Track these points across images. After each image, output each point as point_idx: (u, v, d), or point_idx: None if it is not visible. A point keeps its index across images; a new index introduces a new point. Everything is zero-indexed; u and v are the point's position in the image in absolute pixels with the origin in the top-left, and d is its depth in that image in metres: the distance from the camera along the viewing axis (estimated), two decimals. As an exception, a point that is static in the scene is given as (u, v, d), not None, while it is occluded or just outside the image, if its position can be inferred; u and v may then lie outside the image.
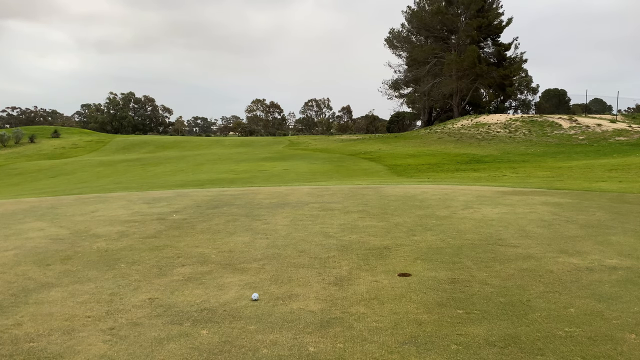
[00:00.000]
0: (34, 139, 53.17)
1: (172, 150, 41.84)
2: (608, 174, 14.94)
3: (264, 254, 4.48)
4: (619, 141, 30.91)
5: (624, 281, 3.48)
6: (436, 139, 37.93)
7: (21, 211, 7.72)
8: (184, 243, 4.99)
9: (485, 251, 4.39)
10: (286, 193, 9.24)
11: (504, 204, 7.10)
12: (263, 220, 6.18)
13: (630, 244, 4.59)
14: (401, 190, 9.30)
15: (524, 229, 5.27)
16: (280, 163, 26.63)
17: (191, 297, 3.34)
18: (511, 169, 20.34)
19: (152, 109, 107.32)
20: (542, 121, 39.90)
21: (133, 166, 28.01)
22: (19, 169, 31.51)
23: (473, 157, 27.61)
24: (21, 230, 5.93)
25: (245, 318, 2.93)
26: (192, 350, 2.51)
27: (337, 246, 4.70)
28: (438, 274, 3.74)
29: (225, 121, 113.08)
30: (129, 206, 7.83)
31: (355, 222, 5.92)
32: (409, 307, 3.06)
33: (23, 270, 4.13)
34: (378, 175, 19.73)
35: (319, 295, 3.31)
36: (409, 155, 29.06)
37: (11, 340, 2.67)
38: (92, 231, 5.72)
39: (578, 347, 2.46)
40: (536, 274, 3.69)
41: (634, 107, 56.57)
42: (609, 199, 7.57)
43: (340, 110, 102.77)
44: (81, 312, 3.10)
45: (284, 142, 45.55)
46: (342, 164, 25.97)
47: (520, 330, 2.67)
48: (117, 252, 4.67)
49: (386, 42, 61.77)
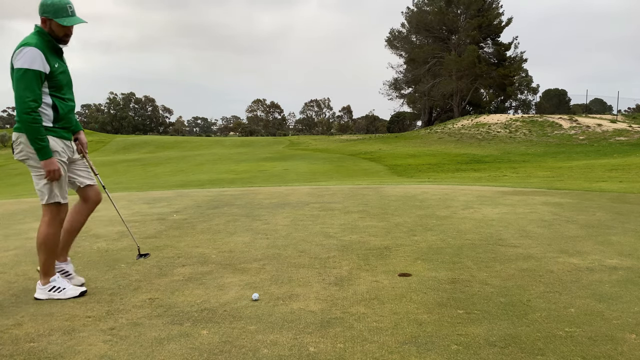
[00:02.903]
0: (34, 139, 53.12)
1: (172, 150, 41.86)
2: (608, 174, 14.94)
3: (264, 254, 4.49)
4: (619, 141, 30.91)
5: (625, 281, 3.48)
6: (436, 139, 37.94)
7: (21, 211, 7.73)
8: (184, 243, 4.99)
9: (486, 251, 4.39)
10: (286, 193, 9.24)
11: (505, 204, 7.10)
12: (263, 220, 6.18)
13: (630, 244, 4.59)
14: (401, 190, 9.30)
15: (524, 229, 5.27)
16: (280, 163, 26.64)
17: (191, 297, 3.34)
18: (511, 169, 20.35)
19: (152, 109, 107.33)
20: (543, 121, 39.91)
21: (133, 166, 28.01)
22: (19, 169, 31.50)
23: (473, 157, 27.62)
24: (21, 231, 5.94)
25: (246, 318, 2.93)
26: (192, 350, 2.52)
27: (338, 246, 4.70)
28: (438, 274, 3.75)
29: (226, 121, 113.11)
30: (129, 206, 7.83)
31: (355, 222, 5.92)
32: (409, 307, 3.06)
33: (23, 270, 4.13)
34: (378, 176, 19.73)
35: (319, 296, 3.31)
36: (409, 156, 29.06)
37: (12, 341, 2.67)
38: (92, 231, 5.72)
39: (578, 347, 2.46)
40: (536, 274, 3.69)
41: (634, 107, 56.52)
42: (609, 199, 7.57)
43: (340, 111, 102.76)
44: (81, 312, 3.10)
45: (284, 142, 45.57)
46: (343, 164, 25.97)
47: (521, 330, 2.67)
48: (117, 252, 4.67)
49: (386, 42, 61.77)
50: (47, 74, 3.16)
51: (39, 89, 3.12)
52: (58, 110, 3.26)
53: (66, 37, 3.26)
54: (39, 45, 3.13)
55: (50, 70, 3.17)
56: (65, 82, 3.33)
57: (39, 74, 3.10)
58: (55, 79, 3.22)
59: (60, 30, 3.20)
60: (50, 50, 3.21)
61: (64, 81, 3.31)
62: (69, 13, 3.18)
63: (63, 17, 3.16)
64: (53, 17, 3.15)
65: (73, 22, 3.20)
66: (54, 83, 3.22)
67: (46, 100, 3.21)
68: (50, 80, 3.19)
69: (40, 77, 3.12)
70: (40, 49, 3.12)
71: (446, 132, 40.10)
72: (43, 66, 3.12)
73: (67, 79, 3.36)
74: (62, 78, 3.28)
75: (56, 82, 3.23)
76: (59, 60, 3.27)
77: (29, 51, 3.08)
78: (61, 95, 3.29)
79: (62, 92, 3.29)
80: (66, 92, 3.34)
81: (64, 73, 3.32)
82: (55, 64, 3.21)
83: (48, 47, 3.19)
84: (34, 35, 3.20)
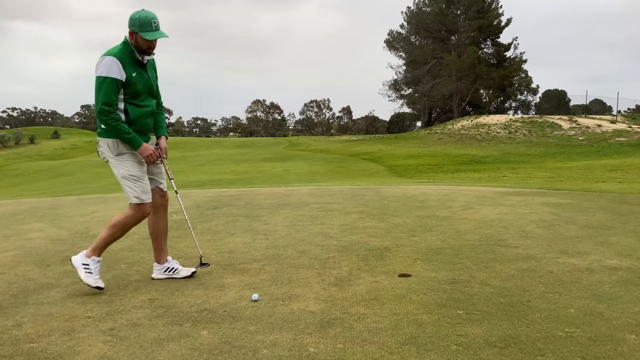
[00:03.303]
0: (34, 140, 53.18)
1: (172, 150, 41.77)
2: (608, 174, 14.94)
3: (264, 254, 4.49)
4: (619, 142, 30.92)
5: (624, 282, 3.48)
6: (436, 139, 37.93)
7: (21, 212, 7.73)
8: (184, 244, 4.99)
9: (486, 252, 4.39)
10: (286, 194, 9.24)
11: (504, 204, 7.10)
12: (263, 220, 6.18)
13: (630, 244, 4.59)
14: (401, 190, 9.30)
15: (524, 230, 5.27)
16: (280, 164, 26.64)
17: (191, 298, 3.34)
18: (511, 170, 20.34)
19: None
20: (542, 122, 39.92)
21: (133, 167, 27.91)
22: (19, 169, 31.52)
23: (473, 158, 27.62)
24: (21, 231, 5.93)
25: (246, 319, 2.93)
26: (192, 350, 2.52)
27: (337, 247, 4.70)
28: (438, 274, 3.74)
29: (225, 122, 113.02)
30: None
31: (355, 222, 5.92)
32: (409, 307, 3.06)
33: (23, 271, 4.13)
34: (378, 176, 19.74)
35: (319, 296, 3.31)
36: (409, 156, 29.07)
37: (11, 341, 2.67)
38: (92, 232, 5.72)
39: (578, 347, 2.46)
40: (536, 274, 3.69)
41: (634, 108, 56.54)
42: (609, 199, 7.57)
43: (340, 111, 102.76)
44: (81, 312, 3.10)
45: (284, 143, 45.56)
46: (342, 164, 25.98)
47: (520, 330, 2.67)
48: (117, 253, 4.67)
49: (385, 43, 61.71)
50: (123, 82, 3.40)
51: (115, 95, 3.39)
52: (129, 115, 3.48)
53: (149, 50, 3.51)
54: (119, 55, 3.39)
55: (127, 78, 3.41)
56: (143, 89, 3.54)
57: (115, 81, 3.35)
58: (132, 86, 3.46)
59: (144, 43, 3.44)
60: (131, 61, 3.45)
61: (141, 89, 3.53)
62: (152, 28, 3.41)
63: (147, 31, 3.40)
64: (138, 31, 3.39)
65: (155, 36, 3.43)
66: (129, 90, 3.46)
67: (120, 105, 3.46)
68: (126, 87, 3.43)
69: (117, 84, 3.37)
70: (119, 58, 3.38)
71: (446, 132, 40.09)
72: (119, 74, 3.37)
73: (146, 87, 3.57)
74: (139, 86, 3.50)
75: (132, 90, 3.47)
76: (139, 69, 3.50)
77: (107, 60, 3.35)
78: (136, 102, 3.52)
79: (138, 99, 3.52)
80: (143, 99, 3.56)
81: (143, 81, 3.53)
82: (133, 73, 3.45)
83: (129, 57, 3.44)
84: (118, 45, 3.47)
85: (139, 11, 3.44)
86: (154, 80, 3.68)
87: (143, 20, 3.39)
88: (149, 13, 3.43)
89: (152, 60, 3.68)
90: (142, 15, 3.40)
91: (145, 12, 3.43)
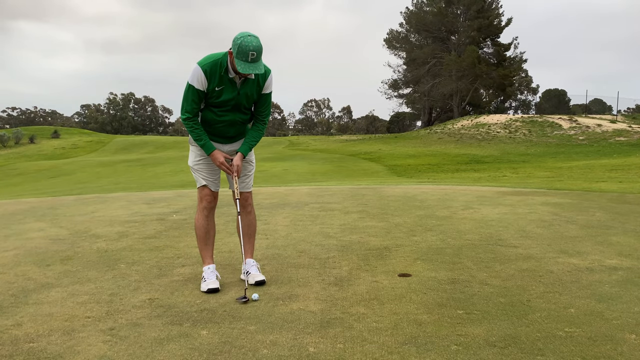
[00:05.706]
0: (34, 140, 53.19)
1: (172, 150, 41.85)
2: (608, 174, 14.95)
3: (263, 254, 4.48)
4: (619, 141, 30.93)
5: (624, 281, 3.48)
6: (436, 139, 37.95)
7: (21, 211, 7.72)
8: (184, 243, 4.99)
9: (486, 251, 4.39)
10: (286, 193, 9.24)
11: (504, 204, 7.10)
12: (263, 220, 6.18)
13: (630, 244, 4.59)
14: (401, 190, 9.30)
15: (524, 230, 5.27)
16: (280, 163, 26.64)
17: (191, 298, 3.34)
18: (511, 170, 20.36)
19: (152, 109, 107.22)
20: (542, 121, 39.93)
21: (133, 166, 28.00)
22: (19, 169, 31.53)
23: (473, 158, 27.63)
24: (21, 231, 5.93)
25: (245, 318, 2.93)
26: (192, 350, 2.51)
27: (337, 246, 4.70)
28: (438, 274, 3.74)
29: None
30: (128, 206, 7.83)
31: (355, 222, 5.92)
32: (409, 307, 3.06)
33: (23, 270, 4.13)
34: (378, 176, 19.75)
35: (319, 296, 3.31)
36: (409, 156, 29.08)
37: (11, 341, 2.67)
38: (92, 231, 5.72)
39: (578, 347, 2.46)
40: (536, 274, 3.69)
41: (634, 108, 56.55)
42: (609, 199, 7.57)
43: (340, 111, 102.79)
44: (81, 312, 3.10)
45: (284, 143, 45.55)
46: (342, 164, 25.99)
47: (520, 330, 2.67)
48: (117, 253, 4.67)
49: (385, 43, 61.68)
50: (205, 92, 3.41)
51: (196, 102, 3.41)
52: (204, 118, 3.54)
53: (242, 76, 3.38)
54: (208, 66, 3.33)
55: (208, 89, 3.39)
56: (227, 103, 3.46)
57: (195, 90, 3.37)
58: (213, 98, 3.44)
59: (235, 67, 3.28)
60: (219, 74, 3.37)
61: (224, 102, 3.45)
62: (247, 59, 3.21)
63: (242, 60, 3.22)
64: (235, 56, 3.26)
65: (246, 71, 3.24)
66: (211, 101, 3.46)
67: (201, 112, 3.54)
68: (207, 97, 3.45)
69: (198, 93, 3.38)
70: (207, 69, 3.33)
71: (446, 132, 40.10)
72: (201, 85, 3.36)
73: (232, 101, 3.47)
74: (221, 99, 3.44)
75: (213, 101, 3.46)
76: (227, 84, 3.40)
77: (194, 69, 3.34)
78: (215, 111, 3.51)
79: (219, 109, 3.50)
80: (225, 111, 3.50)
81: (229, 96, 3.44)
82: (217, 87, 3.39)
83: (219, 70, 3.36)
84: (220, 53, 3.39)
85: (245, 37, 3.19)
86: (250, 97, 3.49)
87: (241, 48, 3.17)
88: (250, 43, 3.17)
89: (260, 76, 3.47)
90: (243, 43, 3.16)
91: (247, 41, 3.17)
